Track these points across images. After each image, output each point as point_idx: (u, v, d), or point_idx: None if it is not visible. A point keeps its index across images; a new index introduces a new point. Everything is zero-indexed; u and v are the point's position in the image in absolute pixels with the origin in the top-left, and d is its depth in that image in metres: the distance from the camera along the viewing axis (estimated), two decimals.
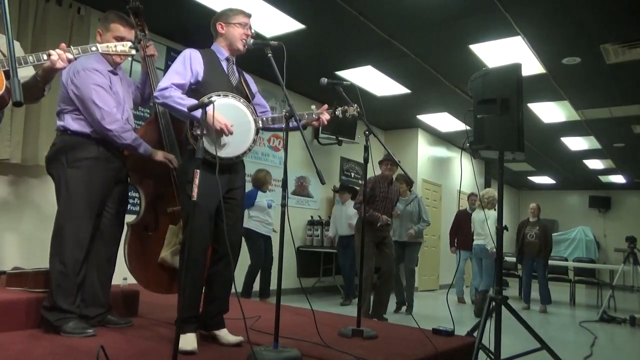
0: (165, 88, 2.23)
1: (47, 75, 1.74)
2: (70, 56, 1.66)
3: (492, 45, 5.03)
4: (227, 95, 2.31)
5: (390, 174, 5.08)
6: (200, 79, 2.33)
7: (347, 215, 6.42)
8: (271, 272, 5.53)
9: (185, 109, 2.16)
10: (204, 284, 2.37)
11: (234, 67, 2.48)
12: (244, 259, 5.29)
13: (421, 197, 6.22)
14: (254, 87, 2.59)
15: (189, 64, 2.32)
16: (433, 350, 2.47)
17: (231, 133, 2.22)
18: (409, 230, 5.80)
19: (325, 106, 2.53)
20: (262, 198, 5.49)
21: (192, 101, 2.21)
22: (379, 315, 4.93)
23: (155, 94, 2.28)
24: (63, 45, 1.64)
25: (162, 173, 2.79)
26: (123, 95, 2.63)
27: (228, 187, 2.35)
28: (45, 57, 1.65)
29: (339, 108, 2.61)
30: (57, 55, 1.65)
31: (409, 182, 5.87)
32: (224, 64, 2.44)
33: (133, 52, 1.74)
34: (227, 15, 2.44)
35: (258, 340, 2.32)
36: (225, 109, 2.24)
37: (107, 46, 1.71)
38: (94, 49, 1.69)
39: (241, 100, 2.35)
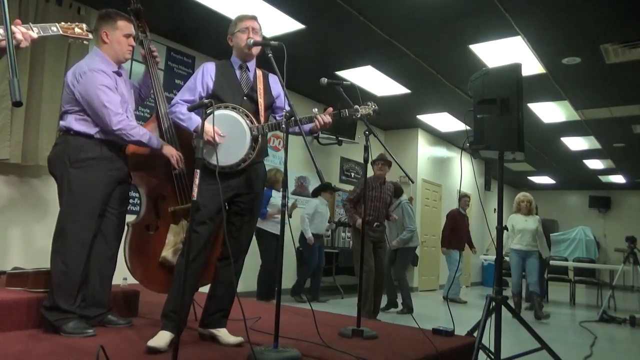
0: (173, 105, 2.40)
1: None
2: (34, 35, 1.52)
3: (492, 45, 5.03)
4: (228, 107, 2.35)
5: (382, 174, 5.07)
6: (210, 91, 2.41)
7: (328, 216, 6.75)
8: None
9: (185, 124, 2.35)
10: (196, 284, 2.41)
11: (249, 73, 2.50)
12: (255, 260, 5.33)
13: (406, 201, 6.06)
14: (276, 90, 2.57)
15: (200, 79, 2.42)
16: (433, 350, 2.47)
17: (219, 142, 2.27)
18: (392, 242, 5.85)
19: (330, 109, 2.47)
20: (277, 197, 5.48)
21: (189, 115, 2.35)
22: (372, 317, 4.94)
23: (167, 110, 2.50)
24: (18, 21, 1.49)
25: (164, 172, 2.80)
26: (127, 96, 2.64)
27: (236, 192, 2.38)
28: (1, 31, 1.43)
29: (345, 110, 2.50)
30: (22, 34, 1.46)
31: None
32: (237, 72, 2.48)
33: (90, 35, 1.71)
34: (231, 27, 2.50)
35: (258, 340, 2.32)
36: (220, 120, 2.27)
37: (67, 28, 1.64)
38: (54, 29, 1.59)
39: (240, 110, 2.36)
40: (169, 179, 2.80)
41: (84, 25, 1.69)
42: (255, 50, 2.45)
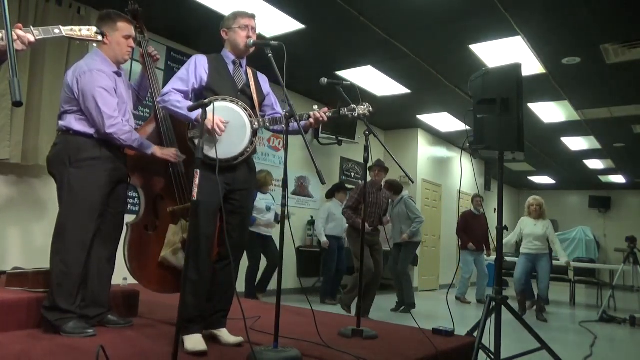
0: (166, 93, 2.31)
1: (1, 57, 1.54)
2: (31, 38, 1.50)
3: (492, 45, 5.03)
4: (226, 99, 2.34)
5: (378, 180, 5.15)
6: (204, 84, 2.38)
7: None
8: (274, 272, 5.52)
9: (182, 112, 2.25)
10: (207, 283, 2.38)
11: (241, 69, 2.50)
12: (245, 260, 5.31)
13: (409, 196, 6.12)
14: (265, 88, 2.59)
15: (193, 70, 2.38)
16: (433, 350, 2.47)
17: (222, 131, 2.24)
18: (402, 234, 5.86)
19: (325, 109, 2.50)
20: (260, 200, 5.46)
21: (188, 103, 2.27)
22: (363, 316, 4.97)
23: (157, 99, 2.38)
24: (20, 25, 1.46)
25: (162, 173, 2.80)
26: (125, 97, 2.64)
27: (230, 188, 2.35)
28: (0, 35, 1.44)
29: (344, 107, 2.54)
30: (17, 36, 1.47)
31: (391, 188, 5.85)
32: (230, 67, 2.47)
33: (99, 37, 1.67)
34: (228, 20, 2.47)
35: (258, 340, 2.32)
36: (220, 111, 2.25)
37: (72, 29, 1.62)
38: (56, 31, 1.57)
39: (239, 103, 2.35)
40: (167, 179, 2.80)
41: (94, 28, 1.68)
42: (252, 49, 2.45)
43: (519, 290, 6.20)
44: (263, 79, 2.61)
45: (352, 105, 2.56)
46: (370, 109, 2.61)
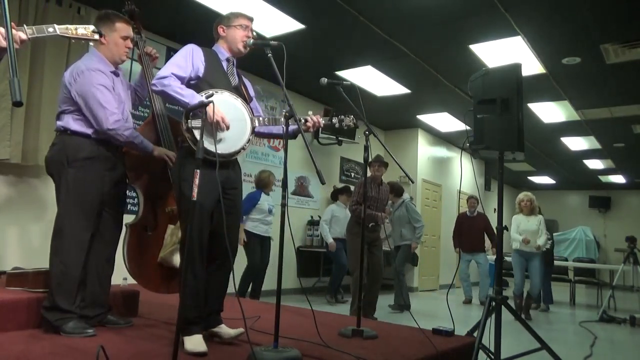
0: (165, 77, 2.21)
1: None
2: (23, 36, 1.44)
3: (492, 45, 5.04)
4: (224, 92, 2.32)
5: (379, 175, 5.13)
6: (200, 75, 2.33)
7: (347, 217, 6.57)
8: (264, 275, 5.49)
9: (184, 99, 2.17)
10: (204, 284, 2.38)
11: (234, 68, 2.49)
12: (242, 259, 5.29)
13: (410, 199, 6.18)
14: (251, 91, 2.60)
15: (191, 59, 2.32)
16: (433, 350, 2.47)
17: (227, 126, 2.21)
18: (402, 237, 5.93)
19: (318, 116, 2.52)
20: (264, 201, 5.46)
21: (191, 91, 2.21)
22: (369, 315, 4.96)
23: (153, 81, 2.26)
24: (12, 24, 1.47)
25: (161, 173, 2.79)
26: (124, 96, 2.63)
27: (224, 186, 2.31)
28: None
29: (335, 117, 2.62)
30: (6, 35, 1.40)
31: (392, 191, 5.87)
32: (224, 64, 2.45)
33: (96, 36, 1.63)
34: (228, 18, 2.47)
35: (258, 340, 2.32)
36: (222, 105, 2.23)
37: (67, 28, 1.58)
38: (50, 30, 1.54)
39: (239, 99, 2.35)
40: (165, 179, 2.79)
41: (91, 27, 1.63)
42: (246, 50, 2.45)
43: (518, 293, 6.10)
44: (248, 84, 2.61)
45: (342, 116, 2.66)
46: (355, 121, 2.72)
